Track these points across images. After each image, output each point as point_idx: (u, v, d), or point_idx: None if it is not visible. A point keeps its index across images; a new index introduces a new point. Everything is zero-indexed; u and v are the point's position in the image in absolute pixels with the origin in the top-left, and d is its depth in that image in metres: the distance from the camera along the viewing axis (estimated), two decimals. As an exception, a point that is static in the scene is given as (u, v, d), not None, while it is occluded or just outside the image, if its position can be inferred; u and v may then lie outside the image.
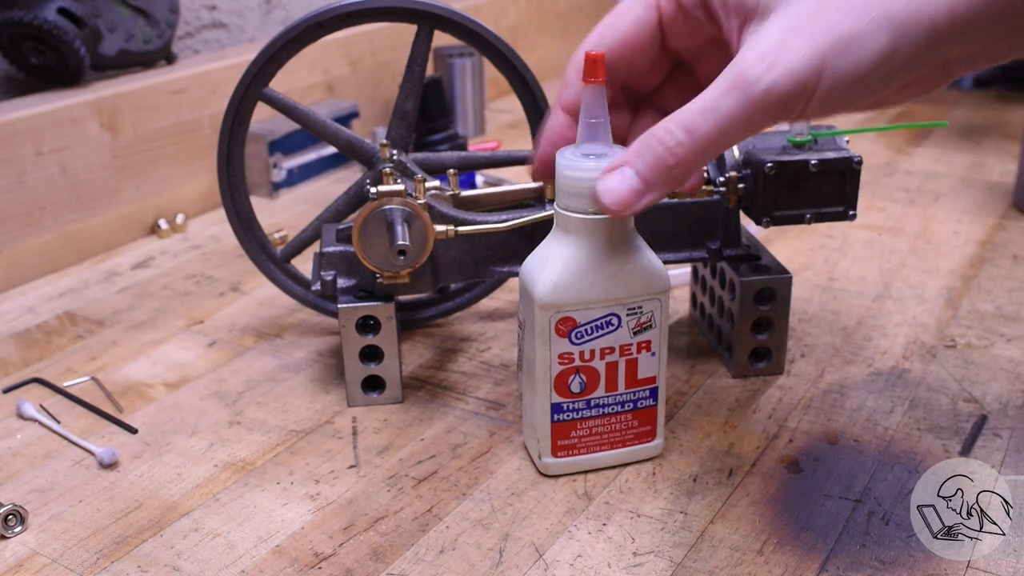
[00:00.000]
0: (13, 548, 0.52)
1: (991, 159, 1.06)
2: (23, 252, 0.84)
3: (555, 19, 1.46)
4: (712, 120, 0.44)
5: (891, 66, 0.42)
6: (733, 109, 0.43)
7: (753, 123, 0.44)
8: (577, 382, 0.53)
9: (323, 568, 0.50)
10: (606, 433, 0.55)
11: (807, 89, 0.43)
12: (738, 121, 0.43)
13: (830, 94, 0.43)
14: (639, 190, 0.46)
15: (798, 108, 0.44)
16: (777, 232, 0.88)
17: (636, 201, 0.46)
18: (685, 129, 0.44)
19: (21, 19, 0.84)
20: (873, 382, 0.65)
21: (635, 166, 0.46)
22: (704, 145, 0.44)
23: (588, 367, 0.53)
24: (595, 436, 0.55)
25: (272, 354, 0.71)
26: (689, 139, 0.44)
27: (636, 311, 0.52)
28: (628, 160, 0.46)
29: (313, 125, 0.69)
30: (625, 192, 0.46)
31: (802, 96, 0.43)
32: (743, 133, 0.44)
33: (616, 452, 0.56)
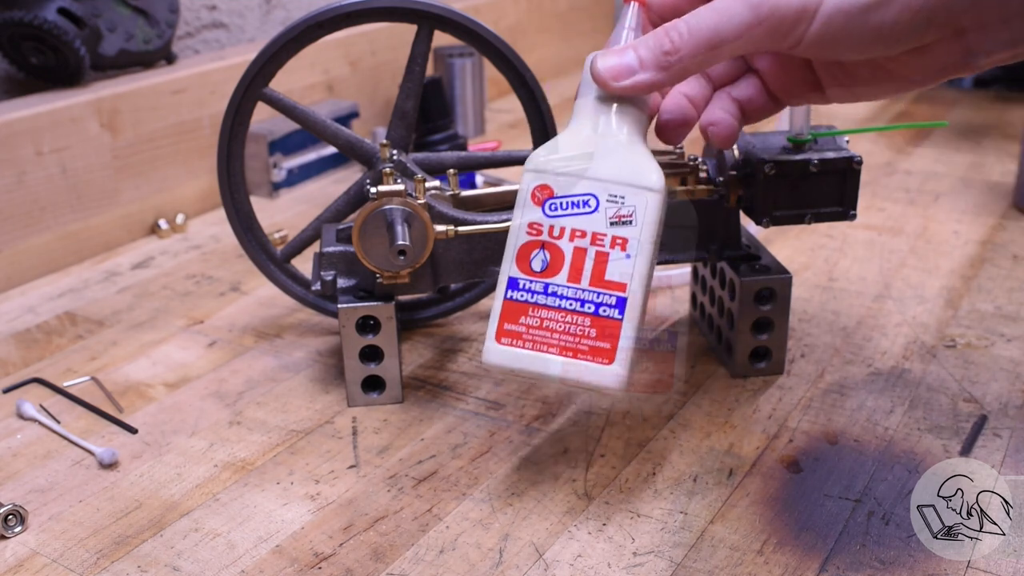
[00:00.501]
0: (13, 548, 0.52)
1: (991, 159, 1.06)
2: (23, 252, 0.84)
3: (555, 19, 1.46)
4: (712, 21, 0.47)
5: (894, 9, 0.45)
6: (732, 16, 0.47)
7: (750, 35, 0.47)
8: (540, 258, 0.51)
9: (323, 568, 0.50)
10: (558, 332, 0.50)
11: (807, 11, 0.46)
12: (734, 25, 0.47)
13: (829, 22, 0.46)
14: (632, 67, 0.49)
15: (797, 31, 0.47)
16: (777, 232, 0.88)
17: (626, 76, 0.49)
18: (687, 25, 0.48)
19: (21, 19, 0.84)
20: (873, 382, 0.65)
21: (636, 48, 0.49)
22: (699, 40, 0.48)
23: (554, 245, 0.50)
24: (545, 331, 0.50)
25: (272, 354, 0.71)
26: (688, 33, 0.48)
27: (616, 200, 0.50)
28: (633, 43, 0.50)
29: (313, 125, 0.69)
30: (619, 66, 0.49)
31: (801, 18, 0.46)
32: (738, 43, 0.47)
33: (565, 360, 0.50)
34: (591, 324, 0.50)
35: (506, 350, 0.51)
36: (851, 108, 1.25)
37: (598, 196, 0.50)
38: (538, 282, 0.51)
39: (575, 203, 0.50)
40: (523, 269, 0.51)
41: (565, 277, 0.50)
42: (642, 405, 0.63)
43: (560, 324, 0.51)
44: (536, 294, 0.51)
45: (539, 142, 0.71)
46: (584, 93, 0.52)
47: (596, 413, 0.62)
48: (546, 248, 0.51)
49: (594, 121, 0.51)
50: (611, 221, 0.50)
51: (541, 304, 0.51)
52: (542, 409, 0.63)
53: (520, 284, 0.51)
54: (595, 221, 0.50)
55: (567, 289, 0.50)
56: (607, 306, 0.50)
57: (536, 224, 0.51)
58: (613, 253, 0.50)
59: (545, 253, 0.51)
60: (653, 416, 0.62)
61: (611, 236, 0.50)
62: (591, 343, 0.50)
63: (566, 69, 1.50)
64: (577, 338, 0.50)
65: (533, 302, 0.51)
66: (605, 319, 0.50)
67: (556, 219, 0.50)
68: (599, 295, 0.50)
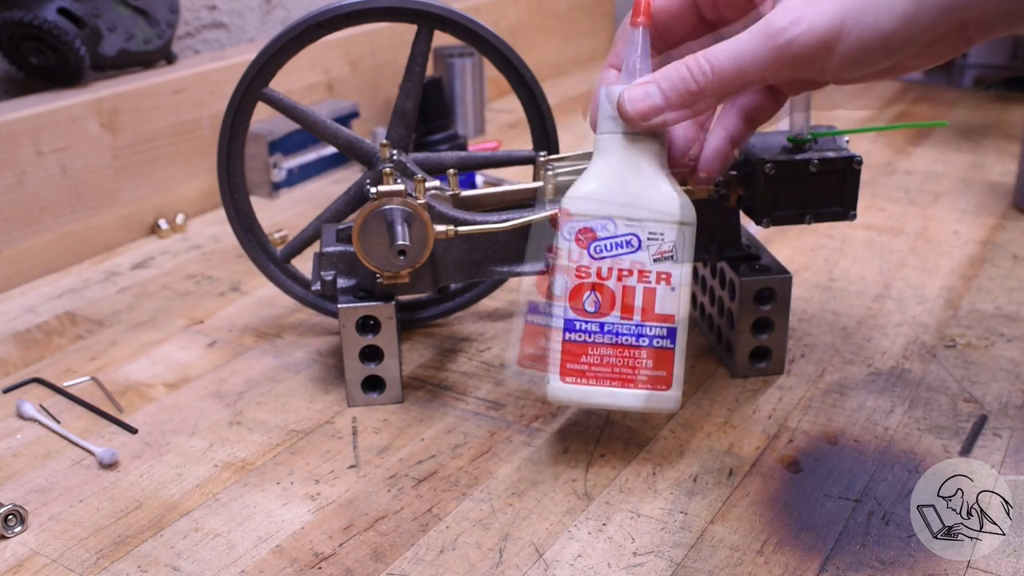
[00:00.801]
0: (13, 548, 0.52)
1: (991, 159, 1.06)
2: (23, 252, 0.84)
3: (555, 19, 1.46)
4: (735, 60, 0.48)
5: (911, 29, 0.46)
6: (755, 53, 0.47)
7: (772, 71, 0.48)
8: (592, 299, 0.53)
9: (323, 568, 0.50)
10: (618, 366, 0.54)
11: (828, 46, 0.47)
12: (758, 65, 0.48)
13: (851, 53, 0.47)
14: (659, 106, 0.50)
15: (819, 65, 0.48)
16: (777, 232, 0.88)
17: (654, 115, 0.51)
18: (710, 63, 0.49)
19: (21, 19, 0.84)
20: (873, 382, 0.65)
21: (660, 84, 0.50)
22: (724, 79, 0.49)
23: (603, 286, 0.53)
24: (606, 367, 0.54)
25: (272, 354, 0.71)
26: (712, 71, 0.49)
27: (658, 237, 0.53)
28: (655, 79, 0.51)
29: (313, 125, 0.69)
30: (646, 104, 0.51)
31: (823, 53, 0.47)
32: (762, 77, 0.48)
33: (628, 392, 0.54)
34: (648, 356, 0.54)
35: (572, 388, 0.55)
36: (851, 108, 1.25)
37: (639, 236, 0.53)
38: (593, 322, 0.54)
39: (619, 244, 0.53)
40: (577, 311, 0.54)
41: (618, 315, 0.54)
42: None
43: (619, 358, 0.54)
44: (593, 333, 0.54)
45: (539, 142, 0.71)
46: (607, 128, 0.53)
47: (596, 413, 0.62)
48: (596, 289, 0.54)
49: (622, 157, 0.53)
50: (654, 258, 0.53)
51: (599, 343, 0.54)
52: (542, 409, 0.63)
53: (576, 325, 0.54)
54: (639, 260, 0.53)
55: (622, 326, 0.54)
56: (660, 337, 0.54)
57: (584, 268, 0.53)
58: (659, 288, 0.54)
59: (596, 295, 0.54)
60: (653, 416, 0.62)
61: (655, 272, 0.53)
62: (649, 372, 0.55)
63: (566, 69, 1.50)
64: (636, 370, 0.54)
65: (591, 341, 0.54)
66: (659, 349, 0.54)
67: (603, 261, 0.53)
68: (652, 328, 0.54)
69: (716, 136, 0.57)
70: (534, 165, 0.67)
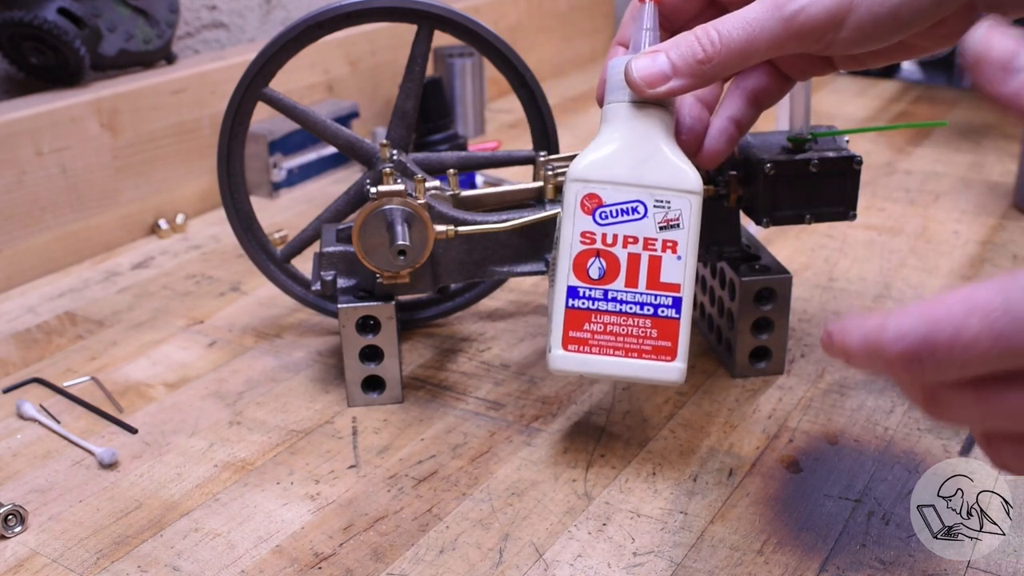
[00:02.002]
0: (13, 548, 0.52)
1: (991, 159, 1.06)
2: (23, 252, 0.84)
3: (555, 19, 1.46)
4: (743, 29, 0.48)
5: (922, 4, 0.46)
6: (764, 23, 0.47)
7: (781, 40, 0.48)
8: (597, 266, 0.52)
9: (323, 568, 0.50)
10: (622, 335, 0.53)
11: (836, 19, 0.47)
12: (767, 35, 0.48)
13: (859, 26, 0.47)
14: (666, 73, 0.50)
15: (827, 38, 0.48)
16: (777, 232, 0.88)
17: (661, 83, 0.50)
18: (718, 32, 0.48)
19: (21, 19, 0.84)
20: (873, 382, 0.65)
21: (667, 52, 0.50)
22: (732, 49, 0.48)
23: (609, 253, 0.52)
24: (609, 336, 0.53)
25: (272, 354, 0.71)
26: (720, 41, 0.48)
27: (663, 204, 0.52)
28: (663, 47, 0.50)
29: (313, 125, 0.69)
30: (653, 71, 0.50)
31: (831, 26, 0.47)
32: (769, 49, 0.48)
33: (630, 362, 0.53)
34: (652, 325, 0.53)
35: (574, 356, 0.53)
36: (851, 108, 1.26)
37: (645, 202, 0.52)
38: (597, 289, 0.53)
39: (624, 210, 0.52)
40: (581, 277, 0.53)
41: (623, 282, 0.53)
42: (642, 405, 0.63)
43: (623, 327, 0.53)
44: (597, 300, 0.53)
45: (539, 142, 0.71)
46: (614, 98, 0.53)
47: (596, 413, 0.62)
48: (601, 256, 0.53)
49: (629, 125, 0.52)
50: (660, 226, 0.52)
51: (603, 310, 0.53)
52: (542, 409, 0.63)
53: (580, 292, 0.53)
54: (645, 227, 0.52)
55: (626, 294, 0.53)
56: (664, 307, 0.53)
57: (589, 233, 0.52)
58: (665, 256, 0.53)
59: (601, 261, 0.53)
60: (653, 416, 0.62)
61: (661, 240, 0.52)
62: (654, 343, 0.53)
63: (566, 69, 1.50)
64: (640, 339, 0.53)
65: (595, 308, 0.53)
66: (664, 319, 0.53)
67: (608, 227, 0.52)
68: (656, 297, 0.53)
69: (722, 117, 0.56)
70: (534, 165, 0.67)
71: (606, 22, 1.59)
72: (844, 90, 1.34)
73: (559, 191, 0.64)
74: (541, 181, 0.65)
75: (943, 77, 1.38)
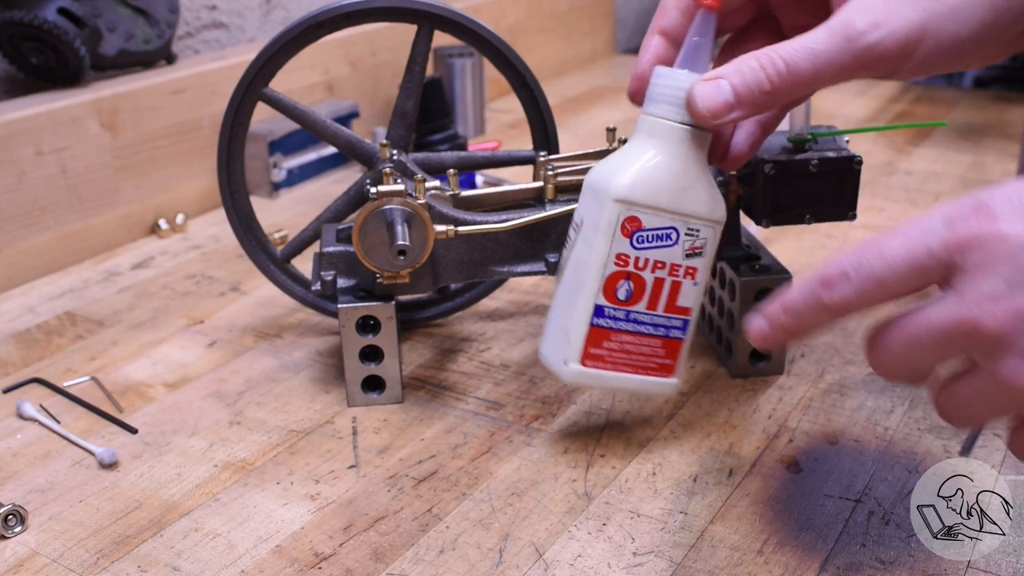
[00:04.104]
0: (13, 548, 0.52)
1: (991, 159, 1.06)
2: (23, 252, 0.84)
3: (555, 19, 1.46)
4: (811, 60, 0.46)
5: (987, 35, 0.45)
6: (833, 55, 0.46)
7: (848, 72, 0.46)
8: (625, 288, 0.53)
9: (323, 568, 0.50)
10: (635, 354, 0.55)
11: (907, 52, 0.46)
12: (835, 67, 0.46)
13: (926, 58, 0.46)
14: (730, 103, 0.48)
15: (894, 67, 0.47)
16: (777, 232, 0.88)
17: (724, 113, 0.48)
18: (785, 62, 0.47)
19: (21, 19, 0.84)
20: (873, 382, 0.65)
21: (732, 81, 0.48)
22: (799, 81, 0.47)
23: (638, 276, 0.53)
24: (624, 354, 0.54)
25: (272, 354, 0.71)
26: (787, 71, 0.47)
27: (694, 233, 0.53)
28: (727, 74, 0.48)
29: (313, 125, 0.69)
30: (717, 102, 0.48)
31: (901, 57, 0.46)
32: (835, 79, 0.47)
33: (636, 378, 0.55)
34: (661, 345, 0.55)
35: (590, 372, 0.55)
36: (851, 108, 1.26)
37: (679, 230, 0.53)
38: (621, 310, 0.54)
39: (659, 236, 0.53)
40: (609, 298, 0.53)
41: (645, 305, 0.54)
42: (642, 405, 0.63)
43: (636, 346, 0.55)
44: (619, 321, 0.54)
45: (539, 142, 0.71)
46: (661, 113, 0.51)
47: (596, 413, 0.62)
48: (631, 279, 0.53)
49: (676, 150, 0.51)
50: (687, 253, 0.53)
51: (622, 330, 0.54)
52: (542, 409, 0.63)
53: (606, 312, 0.54)
54: (674, 253, 0.53)
55: (646, 316, 0.54)
56: (675, 328, 0.55)
57: (624, 256, 0.53)
58: (685, 282, 0.54)
59: (630, 284, 0.53)
60: (653, 416, 0.62)
61: (685, 266, 0.54)
62: (659, 361, 0.55)
63: (566, 69, 1.50)
64: (648, 357, 0.55)
65: (616, 328, 0.54)
66: (672, 340, 0.55)
67: (642, 251, 0.53)
68: (670, 320, 0.55)
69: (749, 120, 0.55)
70: (534, 165, 0.67)
71: (606, 22, 1.59)
72: (844, 90, 1.34)
73: (559, 191, 0.64)
74: (541, 181, 0.65)
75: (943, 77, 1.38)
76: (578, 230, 0.54)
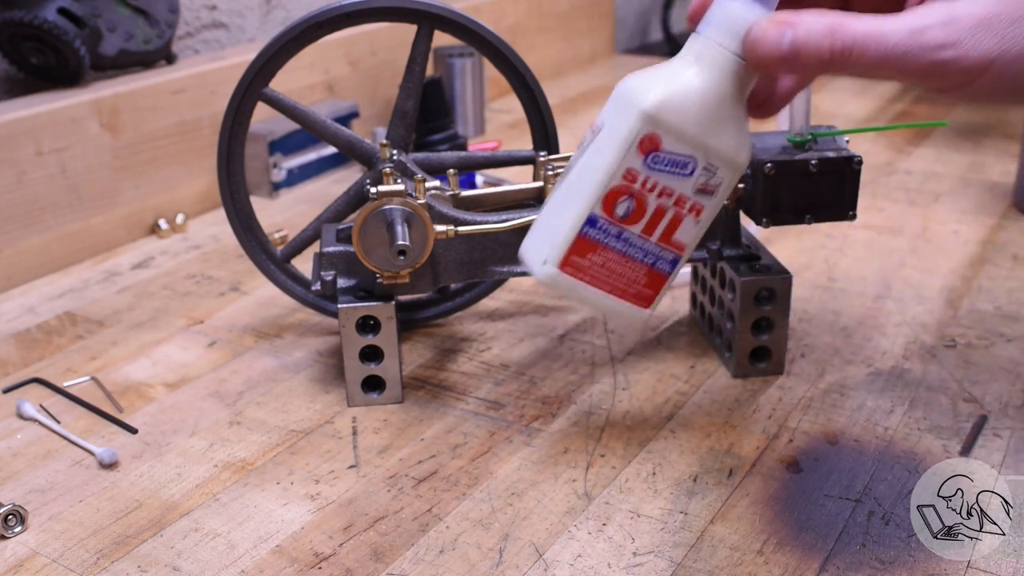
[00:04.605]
0: (13, 548, 0.52)
1: (991, 159, 1.06)
2: (23, 252, 0.84)
3: (555, 19, 1.46)
4: (879, 50, 0.45)
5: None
6: (901, 55, 0.45)
7: (906, 75, 0.46)
8: (625, 206, 0.51)
9: (323, 568, 0.50)
10: (616, 275, 0.53)
11: (968, 79, 0.45)
12: (897, 66, 0.45)
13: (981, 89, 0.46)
14: (785, 56, 0.47)
15: (948, 88, 0.46)
16: (777, 232, 0.88)
17: (775, 63, 0.47)
18: (855, 40, 0.46)
19: (21, 19, 0.84)
20: (873, 382, 0.65)
21: (797, 33, 0.47)
22: (860, 63, 0.46)
23: (642, 197, 0.51)
24: (605, 271, 0.52)
25: (272, 354, 0.71)
26: (852, 49, 0.46)
27: (711, 170, 0.51)
28: (796, 24, 0.47)
29: (313, 125, 0.69)
30: (773, 48, 0.47)
31: (960, 82, 0.46)
32: (893, 76, 0.46)
33: (611, 299, 0.53)
34: (645, 274, 0.53)
35: (566, 279, 0.52)
36: (851, 108, 1.26)
37: (698, 161, 0.50)
38: (615, 227, 0.51)
39: (676, 163, 0.50)
40: (607, 211, 0.51)
41: (640, 228, 0.52)
42: (642, 405, 0.63)
43: (619, 268, 0.52)
44: (610, 237, 0.52)
45: (539, 142, 0.71)
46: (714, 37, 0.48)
47: (596, 413, 0.62)
48: (634, 197, 0.51)
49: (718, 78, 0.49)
50: (698, 188, 0.51)
51: (610, 247, 0.52)
52: (542, 409, 0.63)
53: (598, 224, 0.51)
54: (685, 185, 0.51)
55: (638, 240, 0.52)
56: (663, 261, 0.53)
57: (633, 172, 0.50)
58: (688, 217, 0.52)
59: (631, 202, 0.51)
60: (653, 416, 0.62)
61: (692, 201, 0.51)
62: (639, 288, 0.53)
63: (566, 69, 1.50)
64: (628, 282, 0.53)
65: (604, 243, 0.52)
66: (657, 271, 0.53)
67: (653, 173, 0.50)
68: (661, 251, 0.53)
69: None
70: (534, 165, 0.67)
71: (606, 22, 1.59)
72: (844, 90, 1.34)
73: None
74: (541, 181, 0.65)
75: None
76: (595, 133, 0.51)
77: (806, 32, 0.46)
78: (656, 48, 1.83)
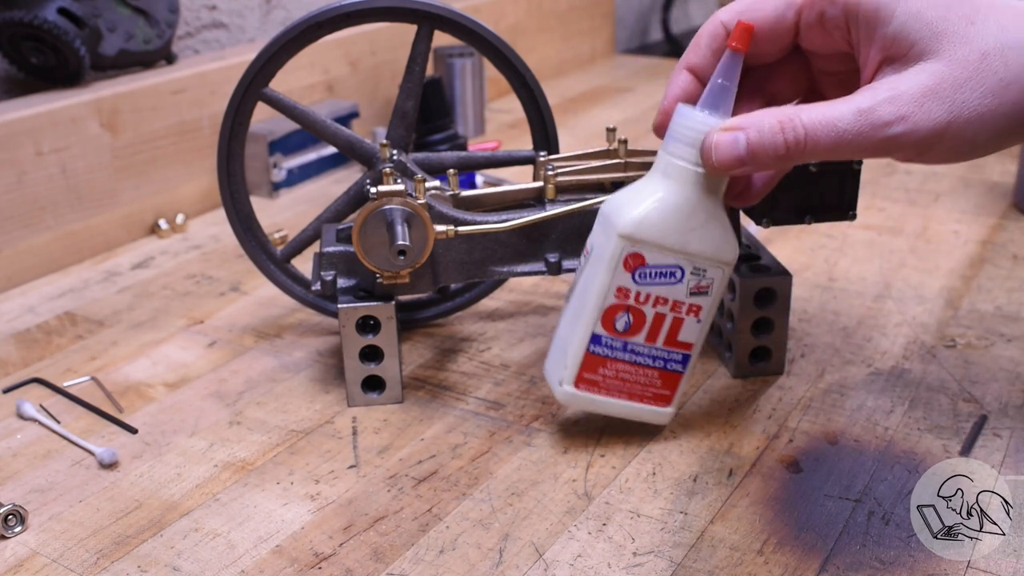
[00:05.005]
0: (13, 548, 0.52)
1: (991, 159, 1.06)
2: (23, 252, 0.84)
3: (555, 19, 1.46)
4: (831, 136, 0.46)
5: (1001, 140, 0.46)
6: (853, 137, 0.46)
7: (864, 153, 0.47)
8: (624, 320, 0.54)
9: (323, 568, 0.50)
10: (630, 382, 0.56)
11: (924, 149, 0.46)
12: (852, 147, 0.47)
13: (940, 156, 0.47)
14: (742, 158, 0.48)
15: (907, 158, 0.48)
16: (777, 232, 0.88)
17: (734, 167, 0.49)
18: (806, 130, 0.47)
19: (21, 19, 0.84)
20: (873, 382, 0.65)
21: (749, 136, 0.48)
22: (815, 151, 0.47)
23: (638, 310, 0.54)
24: (619, 381, 0.56)
25: (272, 354, 0.71)
26: (805, 141, 0.47)
27: (700, 273, 0.53)
28: (746, 127, 0.48)
29: (313, 125, 0.69)
30: (730, 155, 0.49)
31: (918, 152, 0.47)
32: (852, 156, 0.48)
33: (629, 404, 0.57)
34: (659, 376, 0.56)
35: (583, 395, 0.56)
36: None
37: (684, 268, 0.53)
38: (619, 340, 0.55)
39: (663, 273, 0.53)
40: (607, 328, 0.54)
41: (644, 338, 0.55)
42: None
43: (632, 375, 0.56)
44: (616, 350, 0.55)
45: (539, 142, 0.71)
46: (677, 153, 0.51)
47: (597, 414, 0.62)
48: (630, 312, 0.54)
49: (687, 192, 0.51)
50: (691, 291, 0.54)
51: (619, 359, 0.55)
52: (542, 409, 0.63)
53: (603, 341, 0.55)
54: (677, 291, 0.54)
55: (644, 348, 0.55)
56: (674, 362, 0.56)
57: (625, 289, 0.53)
58: (688, 319, 0.55)
59: (629, 316, 0.54)
60: (653, 416, 0.62)
61: (688, 304, 0.54)
62: (655, 391, 0.57)
63: (566, 69, 1.50)
64: (644, 387, 0.57)
65: (612, 356, 0.55)
66: (671, 372, 0.56)
67: (643, 287, 0.53)
68: (669, 353, 0.56)
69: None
70: (534, 165, 0.67)
71: (606, 22, 1.59)
72: (844, 90, 1.34)
73: (559, 191, 0.64)
74: (541, 181, 0.65)
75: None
76: (588, 256, 0.55)
77: (758, 133, 0.48)
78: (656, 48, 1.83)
